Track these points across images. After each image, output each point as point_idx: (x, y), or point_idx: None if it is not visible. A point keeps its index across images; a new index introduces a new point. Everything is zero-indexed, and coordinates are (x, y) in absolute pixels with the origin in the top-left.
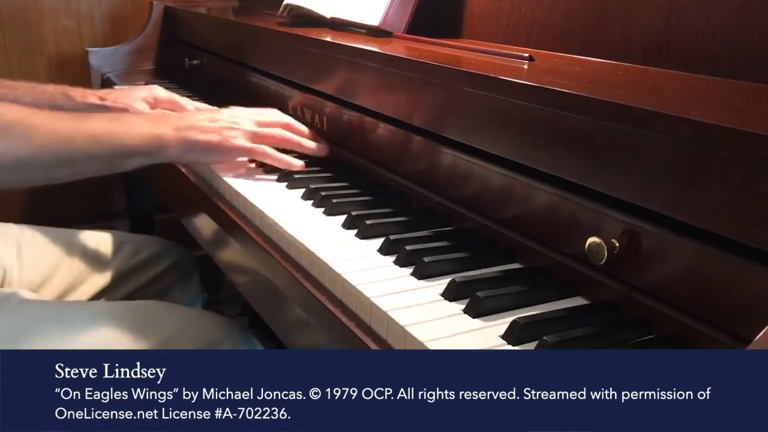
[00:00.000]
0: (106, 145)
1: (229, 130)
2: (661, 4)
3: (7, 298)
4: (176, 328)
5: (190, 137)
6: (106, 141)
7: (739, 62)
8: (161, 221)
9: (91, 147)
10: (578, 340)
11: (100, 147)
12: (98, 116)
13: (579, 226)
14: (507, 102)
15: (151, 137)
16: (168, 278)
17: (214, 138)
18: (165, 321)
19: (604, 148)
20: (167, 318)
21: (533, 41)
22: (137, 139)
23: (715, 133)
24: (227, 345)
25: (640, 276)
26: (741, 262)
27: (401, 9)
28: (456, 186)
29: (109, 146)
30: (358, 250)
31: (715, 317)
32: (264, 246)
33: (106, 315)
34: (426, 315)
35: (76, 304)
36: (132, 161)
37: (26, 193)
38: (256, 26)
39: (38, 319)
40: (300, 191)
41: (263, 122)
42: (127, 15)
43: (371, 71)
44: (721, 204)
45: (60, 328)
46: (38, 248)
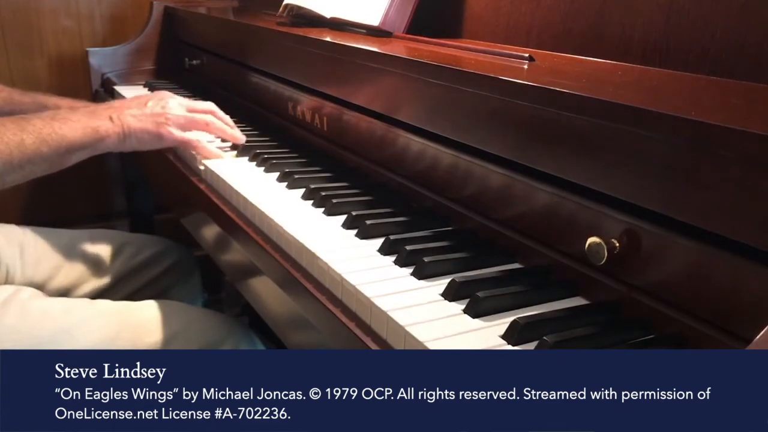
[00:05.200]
0: (52, 144)
1: (162, 117)
2: (661, 4)
3: (13, 295)
4: (179, 326)
5: (128, 126)
6: (50, 140)
7: (739, 62)
8: (161, 221)
9: (38, 148)
10: (578, 340)
11: (46, 147)
12: (38, 116)
13: (579, 226)
14: (507, 102)
15: (90, 130)
16: (169, 278)
17: (149, 126)
18: (168, 320)
19: (604, 148)
20: (170, 317)
21: (533, 41)
22: (79, 133)
23: (715, 133)
24: (229, 344)
25: (640, 276)
26: (741, 262)
27: (401, 9)
28: (456, 186)
29: (54, 145)
30: (358, 250)
31: (715, 317)
32: (264, 246)
33: (111, 313)
34: (426, 315)
35: (81, 302)
36: (74, 156)
37: (27, 193)
38: (256, 26)
39: (45, 316)
40: (300, 191)
41: (192, 108)
42: (127, 15)
43: (371, 71)
44: (721, 204)
45: (66, 325)
46: (40, 249)
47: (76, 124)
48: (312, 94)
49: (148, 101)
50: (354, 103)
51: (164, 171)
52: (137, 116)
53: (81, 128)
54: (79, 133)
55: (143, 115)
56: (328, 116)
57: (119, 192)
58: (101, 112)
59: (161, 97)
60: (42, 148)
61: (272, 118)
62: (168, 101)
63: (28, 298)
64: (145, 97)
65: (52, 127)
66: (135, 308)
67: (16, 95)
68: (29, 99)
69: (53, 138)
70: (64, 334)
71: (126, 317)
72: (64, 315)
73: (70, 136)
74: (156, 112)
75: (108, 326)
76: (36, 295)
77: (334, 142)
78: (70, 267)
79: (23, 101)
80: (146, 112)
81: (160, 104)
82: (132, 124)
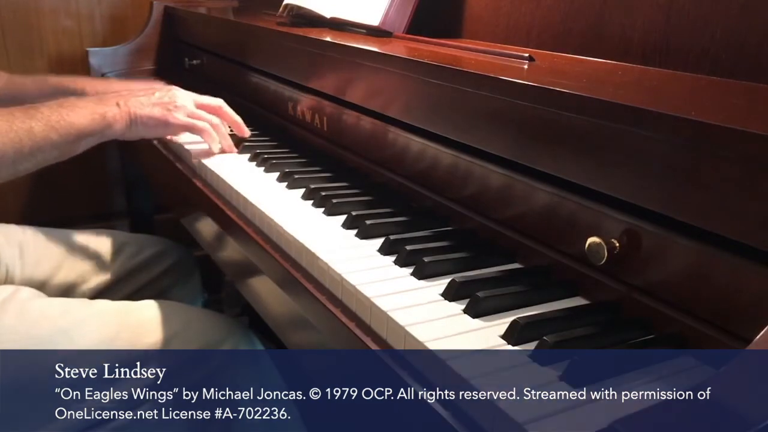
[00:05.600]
0: (61, 131)
1: (170, 105)
2: (661, 4)
3: (12, 295)
4: (178, 326)
5: (134, 112)
6: (59, 127)
7: (739, 62)
8: (161, 221)
9: (47, 135)
10: (578, 340)
11: (55, 134)
12: (46, 105)
13: (579, 226)
14: (507, 102)
15: (98, 116)
16: (168, 278)
17: (156, 112)
18: (168, 320)
19: (604, 148)
20: (170, 316)
21: (533, 41)
22: (87, 119)
23: (715, 133)
24: (229, 343)
25: (640, 276)
26: (741, 262)
27: (401, 9)
28: (456, 186)
29: (63, 132)
30: (358, 250)
31: (715, 317)
32: (264, 246)
33: (110, 313)
34: (426, 315)
35: (80, 302)
36: (83, 143)
37: (27, 193)
38: (256, 26)
39: (43, 316)
40: (300, 191)
41: (200, 103)
42: (127, 15)
43: (371, 71)
44: (721, 204)
45: (65, 325)
46: (40, 248)
47: (84, 110)
48: (312, 94)
49: (155, 91)
50: (354, 103)
51: (164, 171)
52: (144, 103)
53: (89, 114)
54: (87, 119)
55: (150, 102)
56: (328, 116)
57: (119, 192)
58: (108, 99)
59: (169, 89)
60: (51, 135)
61: (272, 118)
62: (176, 92)
63: (27, 299)
64: (153, 87)
65: (60, 114)
66: (134, 308)
67: (17, 79)
68: (29, 80)
69: (62, 125)
70: (62, 335)
71: (125, 317)
72: (63, 315)
73: (78, 123)
74: (164, 101)
75: (107, 326)
76: (35, 296)
77: (334, 142)
78: (69, 267)
79: (24, 82)
80: (153, 100)
81: (168, 94)
82: (138, 110)
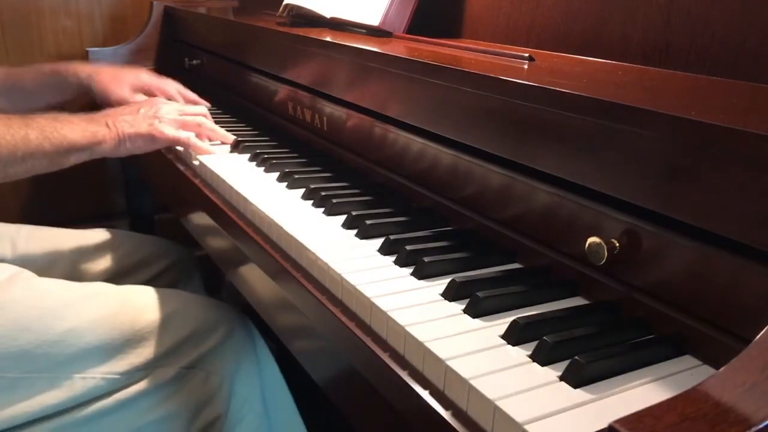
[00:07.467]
0: (54, 142)
1: (154, 119)
2: (661, 5)
3: (17, 274)
4: (177, 306)
5: (122, 131)
6: (53, 138)
7: (739, 62)
8: (161, 221)
9: (41, 144)
10: (578, 340)
11: (48, 144)
12: (42, 116)
13: (579, 226)
14: (507, 102)
15: (89, 134)
16: (168, 277)
17: (142, 129)
18: (165, 302)
19: (604, 148)
20: (165, 299)
21: (533, 41)
22: (78, 135)
23: (715, 132)
24: (223, 327)
25: (639, 276)
26: (741, 262)
27: (401, 9)
28: (456, 186)
29: (56, 143)
30: (358, 249)
31: (715, 317)
32: (264, 246)
33: (111, 294)
34: (426, 315)
35: (81, 284)
36: (72, 157)
37: (27, 193)
38: (256, 26)
39: (48, 292)
40: (300, 191)
41: (184, 111)
42: (127, 15)
43: (371, 71)
44: (721, 204)
45: (69, 299)
46: (39, 248)
47: (77, 126)
48: (312, 94)
49: (140, 108)
50: (354, 103)
51: (164, 171)
52: (130, 122)
53: (81, 130)
54: (78, 134)
55: (135, 120)
56: (328, 116)
57: (119, 192)
58: (98, 119)
59: (153, 103)
60: (44, 144)
61: (272, 118)
62: (160, 106)
63: (31, 277)
64: (137, 104)
65: (54, 126)
66: (134, 291)
67: (15, 69)
68: (26, 70)
69: (55, 136)
70: (67, 308)
71: (125, 297)
72: (67, 292)
73: (71, 137)
74: (148, 116)
75: (109, 303)
76: (38, 276)
77: (334, 142)
78: (67, 265)
79: (22, 72)
80: (139, 118)
81: (152, 110)
82: (126, 129)
